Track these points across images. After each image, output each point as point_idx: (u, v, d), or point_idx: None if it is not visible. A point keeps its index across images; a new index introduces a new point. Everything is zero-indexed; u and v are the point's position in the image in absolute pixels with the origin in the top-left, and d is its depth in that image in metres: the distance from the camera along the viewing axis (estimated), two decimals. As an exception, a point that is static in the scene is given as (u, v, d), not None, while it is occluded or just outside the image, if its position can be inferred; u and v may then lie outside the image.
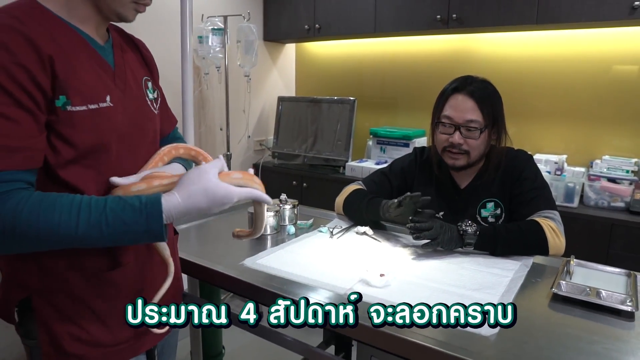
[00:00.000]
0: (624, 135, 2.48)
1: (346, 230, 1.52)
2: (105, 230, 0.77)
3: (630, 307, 0.99)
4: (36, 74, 0.77)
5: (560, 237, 1.34)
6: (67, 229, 0.76)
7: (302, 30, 3.16)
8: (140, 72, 1.01)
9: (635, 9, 2.07)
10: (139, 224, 0.78)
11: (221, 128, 3.06)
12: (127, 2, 0.89)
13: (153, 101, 1.03)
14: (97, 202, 0.79)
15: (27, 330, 0.92)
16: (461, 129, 1.42)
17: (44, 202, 0.76)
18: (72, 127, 0.82)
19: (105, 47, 0.93)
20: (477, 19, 2.50)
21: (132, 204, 0.79)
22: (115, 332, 0.93)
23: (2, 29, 0.75)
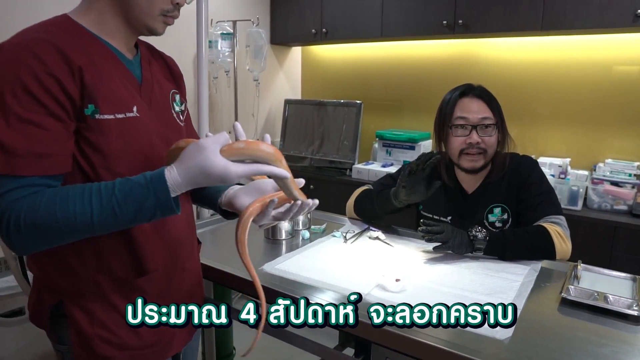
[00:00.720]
0: (627, 139, 2.52)
1: (359, 234, 1.57)
2: (118, 211, 0.79)
3: (636, 311, 1.04)
4: (66, 83, 0.81)
5: (567, 242, 1.39)
6: (83, 217, 0.78)
7: (309, 34, 3.21)
8: (167, 86, 1.05)
9: (639, 16, 2.11)
10: (149, 200, 0.79)
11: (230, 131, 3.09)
12: (156, 15, 0.93)
13: (179, 113, 1.06)
14: (106, 186, 0.80)
15: (59, 336, 0.96)
16: (477, 128, 1.47)
17: (57, 195, 0.79)
18: (101, 134, 0.86)
19: (133, 61, 0.98)
20: (483, 24, 2.54)
21: (139, 182, 0.80)
22: (143, 336, 0.97)
23: (37, 42, 0.80)
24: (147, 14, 0.91)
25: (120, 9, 0.91)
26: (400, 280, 1.16)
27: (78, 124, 0.84)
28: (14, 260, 1.67)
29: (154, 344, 0.99)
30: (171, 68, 1.11)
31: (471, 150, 1.49)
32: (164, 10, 0.93)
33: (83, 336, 0.92)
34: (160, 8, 0.92)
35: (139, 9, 0.90)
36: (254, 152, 0.81)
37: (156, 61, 1.06)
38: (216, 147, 0.79)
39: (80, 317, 0.92)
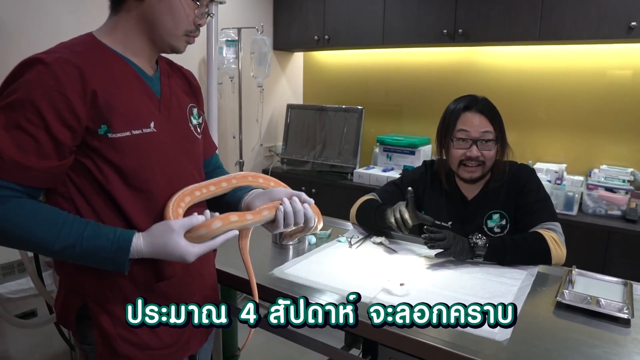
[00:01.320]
0: (621, 146, 2.60)
1: (363, 240, 1.64)
2: (78, 251, 0.87)
3: (626, 314, 1.11)
4: (76, 105, 0.86)
5: (562, 248, 1.46)
6: (45, 242, 0.86)
7: (311, 40, 3.27)
8: (185, 100, 1.10)
9: (632, 28, 2.18)
10: (107, 252, 0.88)
11: (234, 136, 3.16)
12: (180, 35, 0.99)
13: (197, 126, 1.12)
14: (79, 224, 0.88)
15: (84, 336, 1.01)
16: (477, 143, 1.54)
17: (35, 212, 0.86)
18: (116, 151, 0.92)
19: (154, 77, 1.03)
20: (483, 33, 2.61)
21: (107, 236, 0.89)
22: (162, 337, 1.02)
23: (59, 61, 0.86)
24: (172, 35, 0.98)
25: (146, 30, 0.97)
26: (404, 285, 1.22)
27: (92, 143, 0.90)
28: (30, 262, 1.73)
29: (172, 344, 1.04)
30: (190, 82, 1.17)
31: (470, 163, 1.56)
32: (187, 30, 0.99)
33: (106, 336, 0.98)
34: (185, 29, 0.98)
35: (165, 31, 0.97)
36: (213, 234, 0.92)
37: (175, 75, 1.12)
38: (182, 231, 0.90)
39: (104, 319, 0.97)
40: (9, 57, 2.07)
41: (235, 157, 3.13)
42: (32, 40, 2.12)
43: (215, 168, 1.27)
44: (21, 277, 1.95)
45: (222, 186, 1.08)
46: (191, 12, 0.98)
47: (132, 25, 0.97)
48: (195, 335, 1.11)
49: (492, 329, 1.05)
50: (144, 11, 0.95)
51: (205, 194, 1.05)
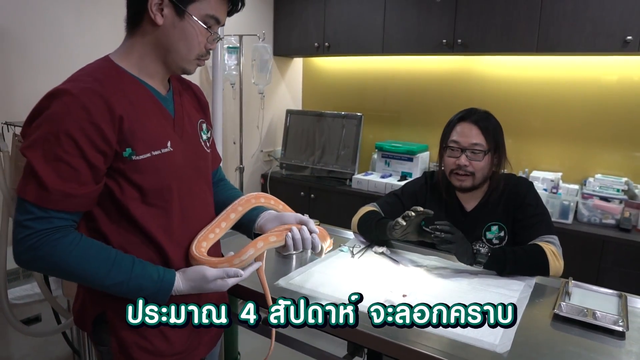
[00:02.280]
0: (615, 155, 2.65)
1: (365, 249, 1.67)
2: (125, 288, 0.97)
3: (621, 327, 1.15)
4: (107, 131, 0.92)
5: (560, 260, 1.50)
6: (98, 280, 0.95)
7: (311, 47, 3.30)
8: (195, 116, 1.16)
9: (628, 42, 2.24)
10: (151, 291, 0.99)
11: (234, 142, 3.19)
12: (192, 59, 1.04)
13: (206, 141, 1.17)
14: (127, 262, 0.97)
15: (100, 338, 1.07)
16: (467, 152, 1.58)
17: (89, 250, 0.94)
18: (139, 172, 0.98)
19: (167, 97, 1.08)
20: (481, 44, 2.66)
21: (151, 276, 0.98)
22: (174, 344, 1.08)
23: (86, 92, 0.91)
24: (184, 59, 1.03)
25: (161, 54, 1.02)
26: (407, 296, 1.26)
27: (117, 165, 0.96)
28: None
29: (183, 351, 1.10)
30: (199, 98, 1.22)
31: (459, 172, 1.61)
32: (199, 55, 1.04)
33: (122, 344, 1.04)
34: (196, 54, 1.03)
35: (178, 55, 1.02)
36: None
37: (186, 92, 1.17)
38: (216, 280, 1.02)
39: (121, 328, 1.03)
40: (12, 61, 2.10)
41: (235, 163, 3.16)
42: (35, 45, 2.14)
43: (220, 180, 1.34)
44: (26, 283, 1.97)
45: (231, 218, 1.15)
46: (203, 39, 1.02)
47: (147, 49, 1.01)
48: (205, 342, 1.16)
49: (493, 341, 1.09)
50: (159, 36, 1.00)
51: (219, 234, 1.12)
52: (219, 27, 1.06)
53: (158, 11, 0.97)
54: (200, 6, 0.99)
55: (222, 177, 1.36)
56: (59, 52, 2.18)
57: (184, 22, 0.99)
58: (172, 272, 1.01)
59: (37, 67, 2.13)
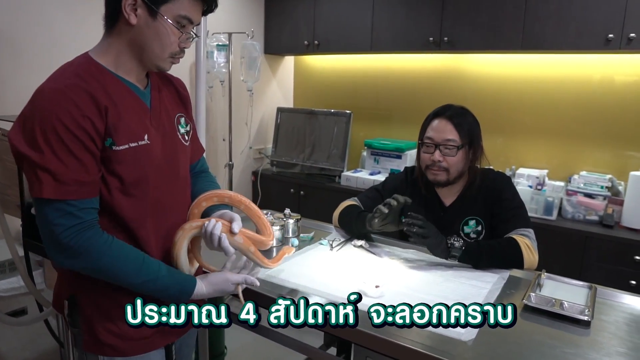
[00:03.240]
0: (600, 153, 2.67)
1: (344, 243, 1.69)
2: (152, 287, 1.04)
3: (587, 317, 1.17)
4: (97, 122, 0.97)
5: (534, 253, 1.52)
6: (130, 279, 1.01)
7: (301, 45, 3.33)
8: (174, 110, 1.19)
9: (610, 40, 2.26)
10: (174, 291, 1.07)
11: (224, 139, 3.21)
12: (166, 58, 1.08)
13: (184, 134, 1.20)
14: (152, 262, 1.04)
15: (73, 320, 1.10)
16: (440, 148, 1.61)
17: (121, 251, 1.01)
18: (118, 163, 1.02)
19: (145, 91, 1.12)
20: (467, 42, 2.68)
21: (176, 277, 1.07)
22: (141, 328, 1.10)
23: (72, 89, 0.96)
24: (158, 57, 1.06)
25: (136, 52, 1.05)
26: (379, 287, 1.28)
27: (101, 154, 1.00)
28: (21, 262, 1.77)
29: (151, 335, 1.13)
30: (179, 91, 1.25)
31: (433, 167, 1.63)
32: (172, 53, 1.07)
33: (91, 325, 1.08)
34: (170, 52, 1.07)
35: (152, 54, 1.05)
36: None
37: (165, 87, 1.20)
38: (235, 283, 1.13)
39: (90, 309, 1.07)
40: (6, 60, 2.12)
41: (225, 160, 3.18)
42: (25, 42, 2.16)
43: (201, 171, 1.36)
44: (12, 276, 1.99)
45: (195, 213, 1.18)
46: (176, 39, 1.05)
47: (123, 47, 1.05)
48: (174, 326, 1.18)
49: (460, 329, 1.11)
50: (133, 35, 1.03)
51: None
52: (193, 26, 1.09)
53: (132, 11, 1.00)
54: (173, 7, 1.02)
55: (204, 169, 1.39)
56: (50, 49, 2.20)
57: (157, 22, 1.02)
58: (194, 278, 1.10)
59: (28, 64, 2.16)
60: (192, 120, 1.26)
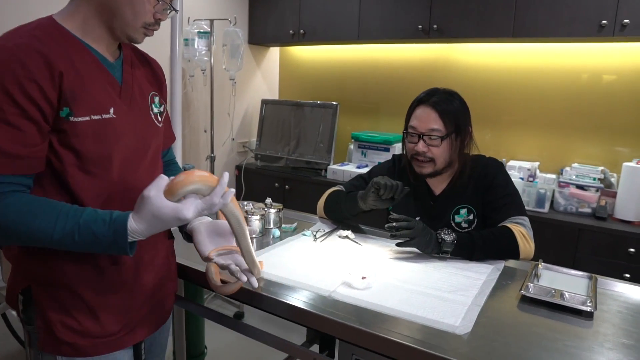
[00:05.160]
0: (592, 145, 2.61)
1: (329, 234, 1.59)
2: (77, 239, 0.86)
3: (589, 307, 1.08)
4: (46, 88, 0.85)
5: (530, 242, 1.44)
6: (44, 234, 0.85)
7: (287, 35, 3.22)
8: (148, 88, 1.09)
9: (603, 27, 2.19)
10: (106, 237, 0.86)
11: (205, 130, 3.09)
12: (138, 27, 0.97)
13: (158, 115, 1.11)
14: (75, 212, 0.87)
15: (28, 317, 0.99)
16: (424, 138, 1.51)
17: (30, 205, 0.86)
18: (77, 136, 0.91)
19: (115, 64, 1.02)
20: (457, 30, 2.60)
21: (104, 218, 0.87)
22: (105, 325, 1.00)
23: (22, 48, 0.85)
24: (130, 26, 0.96)
25: (106, 18, 0.95)
26: (366, 278, 1.18)
27: (54, 126, 0.89)
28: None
29: (117, 332, 1.02)
30: (155, 71, 1.16)
31: (419, 157, 1.53)
32: (146, 23, 0.97)
33: (47, 321, 0.96)
34: (143, 21, 0.97)
35: (123, 21, 0.95)
36: (191, 182, 0.86)
37: (141, 64, 1.11)
38: (158, 193, 0.85)
39: (47, 304, 0.96)
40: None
41: (206, 152, 3.06)
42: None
43: (169, 162, 1.28)
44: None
45: None
46: (151, 7, 0.96)
47: (92, 11, 0.95)
48: (143, 323, 1.08)
49: (455, 322, 1.01)
50: None
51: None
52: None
53: None
54: None
55: (172, 160, 1.30)
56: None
57: None
58: (126, 212, 0.88)
59: None
60: (166, 102, 1.17)
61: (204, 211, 0.87)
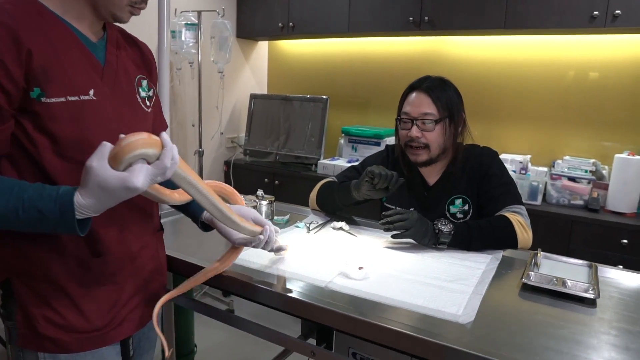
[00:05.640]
0: (584, 137, 2.61)
1: (322, 225, 1.55)
2: (22, 215, 0.78)
3: (592, 294, 1.06)
4: (11, 67, 0.80)
5: (528, 231, 1.41)
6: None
7: (275, 28, 3.17)
8: (135, 71, 1.04)
9: (595, 17, 2.19)
10: (53, 214, 0.78)
11: (193, 124, 3.03)
12: (124, 5, 0.92)
13: (145, 99, 1.05)
14: (20, 187, 0.79)
15: (8, 312, 0.93)
16: (417, 123, 1.48)
17: None
18: (52, 119, 0.85)
19: (98, 44, 0.96)
20: (448, 22, 2.58)
21: (50, 194, 0.79)
22: (90, 319, 0.94)
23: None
24: (114, 4, 0.91)
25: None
26: (363, 268, 1.15)
27: (24, 106, 0.83)
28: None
29: (102, 327, 0.97)
30: (143, 53, 1.10)
31: (413, 144, 1.50)
32: (132, 1, 0.92)
33: (28, 315, 0.91)
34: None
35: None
36: (136, 147, 0.75)
37: (128, 45, 1.05)
38: (102, 163, 0.76)
39: (27, 297, 0.91)
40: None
41: (194, 146, 2.99)
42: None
43: None
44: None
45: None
46: None
47: None
48: (131, 318, 1.02)
49: (455, 312, 0.98)
50: None
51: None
52: None
53: None
54: None
55: None
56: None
57: None
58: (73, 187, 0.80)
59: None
60: (155, 88, 1.11)
61: (157, 177, 0.77)
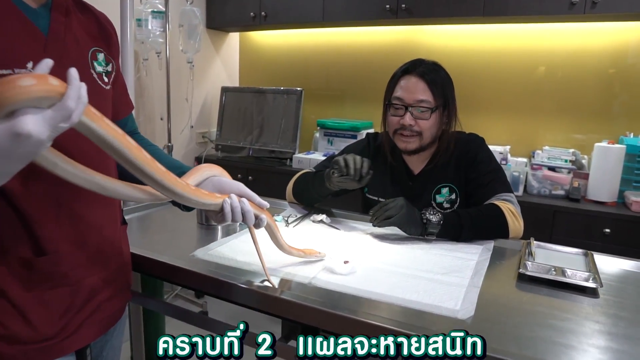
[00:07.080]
0: (562, 127, 2.58)
1: (301, 218, 1.45)
2: None
3: (594, 284, 0.99)
4: None
5: (519, 220, 1.35)
6: None
7: (247, 17, 3.05)
8: (87, 42, 0.90)
9: (574, 4, 2.15)
10: None
11: (162, 118, 2.87)
12: None
13: (102, 74, 0.92)
14: None
15: None
16: (411, 110, 1.39)
17: None
18: None
19: (39, 10, 0.83)
20: (426, 9, 2.51)
21: None
22: (38, 327, 0.82)
23: None
24: None
25: None
26: (349, 262, 1.05)
27: None
28: None
29: (53, 336, 0.84)
30: (101, 23, 0.96)
31: (404, 132, 1.41)
32: None
33: None
34: None
35: None
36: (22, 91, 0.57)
37: (80, 12, 0.92)
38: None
39: None
40: None
41: (163, 141, 2.84)
42: None
43: (132, 133, 1.08)
44: None
45: None
46: None
47: None
48: (89, 324, 0.90)
49: (454, 306, 0.90)
50: None
51: None
52: None
53: None
54: None
55: (134, 131, 1.10)
56: None
57: None
58: None
59: None
60: (117, 63, 0.98)
61: (60, 123, 0.61)
